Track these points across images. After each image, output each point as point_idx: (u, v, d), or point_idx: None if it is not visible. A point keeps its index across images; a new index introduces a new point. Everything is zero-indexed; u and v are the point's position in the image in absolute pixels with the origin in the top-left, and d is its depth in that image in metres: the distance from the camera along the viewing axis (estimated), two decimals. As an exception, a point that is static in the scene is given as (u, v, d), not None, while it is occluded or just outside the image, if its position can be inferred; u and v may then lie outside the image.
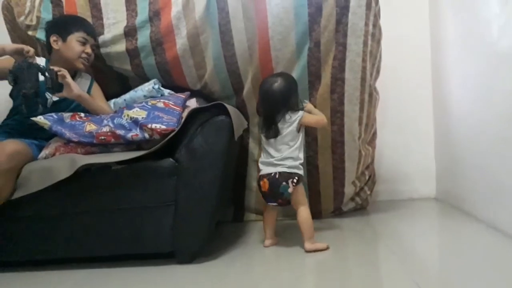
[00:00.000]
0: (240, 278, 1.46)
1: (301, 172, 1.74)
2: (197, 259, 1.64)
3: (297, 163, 1.73)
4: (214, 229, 1.78)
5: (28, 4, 2.13)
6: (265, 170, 1.73)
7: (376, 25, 2.06)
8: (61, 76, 1.77)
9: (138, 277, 1.53)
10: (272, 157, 1.73)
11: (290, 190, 1.69)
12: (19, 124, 1.85)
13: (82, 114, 1.82)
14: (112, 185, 1.62)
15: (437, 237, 1.93)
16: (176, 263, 1.62)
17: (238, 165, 2.16)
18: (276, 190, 1.69)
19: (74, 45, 1.90)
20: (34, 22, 2.09)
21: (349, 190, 2.16)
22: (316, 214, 2.15)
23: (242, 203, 2.23)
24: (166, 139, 1.66)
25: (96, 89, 2.01)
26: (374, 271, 1.48)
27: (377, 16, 2.06)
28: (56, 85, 1.76)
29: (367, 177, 2.27)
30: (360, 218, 2.17)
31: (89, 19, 2.09)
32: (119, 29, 2.07)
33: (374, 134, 2.27)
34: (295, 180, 1.70)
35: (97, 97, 1.97)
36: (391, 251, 1.63)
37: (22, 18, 2.10)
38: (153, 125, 1.66)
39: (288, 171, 1.71)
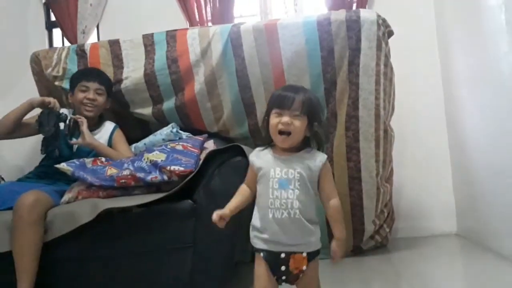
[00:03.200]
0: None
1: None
2: (217, 302, 1.62)
3: None
4: (233, 270, 1.76)
5: (55, 57, 2.27)
6: None
7: (387, 64, 2.12)
8: (80, 122, 1.92)
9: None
10: None
11: None
12: (49, 168, 1.94)
13: (103, 159, 1.89)
14: (132, 228, 1.65)
15: (462, 276, 1.87)
16: (196, 306, 1.61)
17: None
18: None
19: (77, 95, 2.04)
20: (60, 73, 2.24)
21: (369, 228, 2.14)
22: (335, 253, 2.13)
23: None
24: (185, 180, 1.69)
25: (119, 135, 2.10)
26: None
27: (387, 56, 2.12)
28: (73, 132, 1.90)
29: (385, 215, 2.24)
30: (381, 257, 2.13)
31: (111, 68, 2.22)
32: (138, 75, 2.17)
33: (391, 171, 2.27)
34: None
35: (118, 142, 2.06)
36: (414, 291, 1.59)
37: (49, 70, 2.25)
38: (172, 167, 1.70)
39: None
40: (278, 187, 1.12)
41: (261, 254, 1.15)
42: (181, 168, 1.70)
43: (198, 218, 1.63)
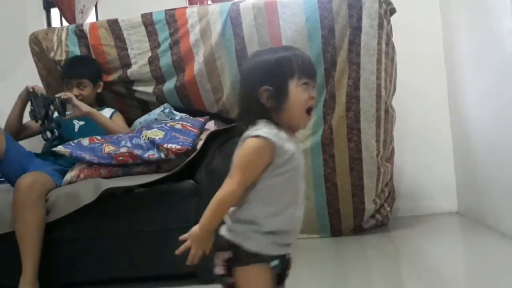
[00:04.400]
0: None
1: (248, 242, 0.84)
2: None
3: (240, 224, 0.86)
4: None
5: (55, 38, 2.26)
6: None
7: (389, 43, 2.09)
8: (67, 99, 1.91)
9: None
10: None
11: (219, 270, 0.86)
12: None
13: (99, 137, 1.87)
14: (135, 207, 1.67)
15: (461, 253, 1.90)
16: (199, 283, 1.64)
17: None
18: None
19: (64, 90, 2.07)
20: (64, 57, 2.23)
21: (369, 207, 2.16)
22: (336, 232, 2.16)
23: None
24: (186, 160, 1.70)
25: (118, 116, 2.11)
26: (396, 288, 1.47)
27: (389, 34, 2.10)
28: (63, 109, 1.91)
29: (386, 194, 2.26)
30: (381, 235, 2.16)
31: (114, 50, 2.21)
32: (144, 59, 2.18)
33: (392, 150, 2.27)
34: (225, 256, 0.85)
35: (117, 122, 2.06)
36: (414, 269, 1.62)
37: (52, 54, 2.24)
38: (169, 145, 1.71)
39: (226, 235, 0.86)
40: (301, 178, 0.89)
41: (272, 263, 0.85)
42: (178, 146, 1.71)
43: (200, 198, 1.65)
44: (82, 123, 2.00)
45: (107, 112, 2.11)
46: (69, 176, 1.78)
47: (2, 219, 1.64)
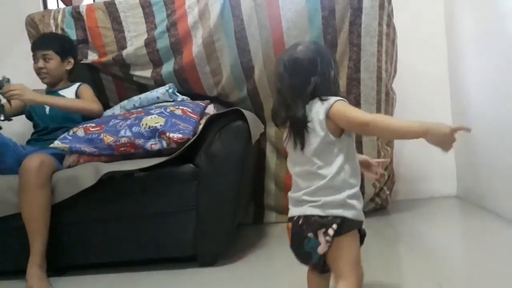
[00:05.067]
0: (261, 280, 1.48)
1: (351, 212, 0.95)
2: (219, 262, 1.67)
3: (342, 196, 0.95)
4: (235, 232, 1.80)
5: (52, 21, 2.23)
6: (291, 210, 1.01)
7: (390, 24, 2.06)
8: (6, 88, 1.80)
9: (163, 280, 1.58)
10: (299, 188, 0.99)
11: (320, 249, 0.95)
12: (39, 139, 1.97)
13: (93, 124, 1.84)
14: (135, 191, 1.67)
15: (459, 235, 1.91)
16: (199, 266, 1.66)
17: (256, 168, 2.19)
18: (299, 248, 0.98)
19: (33, 66, 2.04)
20: None
21: (369, 191, 2.16)
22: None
23: (261, 205, 2.25)
24: (186, 145, 1.69)
25: (84, 88, 2.07)
26: (395, 271, 1.48)
27: (390, 15, 2.07)
28: (8, 97, 1.80)
29: (386, 177, 2.26)
30: (380, 218, 2.17)
31: (111, 32, 2.18)
32: (140, 41, 2.15)
33: (392, 134, 2.26)
34: (331, 231, 0.93)
35: (83, 95, 2.03)
36: (412, 251, 1.63)
37: None
38: (171, 134, 1.70)
39: (321, 213, 0.94)
40: None
41: (363, 226, 1.02)
42: (179, 135, 1.70)
43: (199, 181, 1.65)
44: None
45: (73, 88, 2.07)
46: (67, 162, 1.78)
47: (5, 201, 1.65)
